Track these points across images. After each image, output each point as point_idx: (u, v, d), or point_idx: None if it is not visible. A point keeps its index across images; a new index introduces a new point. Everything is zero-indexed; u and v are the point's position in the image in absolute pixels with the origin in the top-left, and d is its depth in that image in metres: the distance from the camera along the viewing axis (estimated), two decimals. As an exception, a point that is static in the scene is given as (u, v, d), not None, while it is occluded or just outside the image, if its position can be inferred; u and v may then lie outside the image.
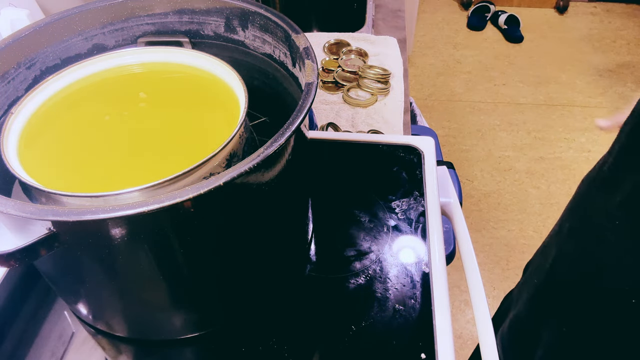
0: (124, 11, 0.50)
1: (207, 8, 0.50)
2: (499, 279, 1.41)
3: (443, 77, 2.10)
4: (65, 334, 0.47)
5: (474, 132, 1.84)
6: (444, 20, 2.45)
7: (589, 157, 1.74)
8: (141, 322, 0.45)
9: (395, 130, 0.77)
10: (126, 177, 0.38)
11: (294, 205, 0.47)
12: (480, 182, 1.67)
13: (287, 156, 0.39)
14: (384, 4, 1.10)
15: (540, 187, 1.64)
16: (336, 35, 0.96)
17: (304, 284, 0.50)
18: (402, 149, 0.63)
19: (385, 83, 0.84)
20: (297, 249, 0.52)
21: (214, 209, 0.36)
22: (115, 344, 0.46)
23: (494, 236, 1.51)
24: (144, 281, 0.39)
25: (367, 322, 0.46)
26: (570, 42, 2.27)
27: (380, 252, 0.52)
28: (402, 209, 0.56)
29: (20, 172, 0.36)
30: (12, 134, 0.40)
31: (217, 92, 0.44)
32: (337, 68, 0.88)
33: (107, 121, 0.42)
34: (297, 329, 0.46)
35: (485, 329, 0.47)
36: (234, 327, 0.46)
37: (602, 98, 1.97)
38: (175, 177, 0.33)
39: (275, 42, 0.48)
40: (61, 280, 0.43)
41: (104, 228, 0.32)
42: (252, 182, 0.36)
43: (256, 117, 0.51)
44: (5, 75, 0.43)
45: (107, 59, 0.47)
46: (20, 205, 0.30)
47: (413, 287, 0.48)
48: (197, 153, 0.37)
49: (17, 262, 0.31)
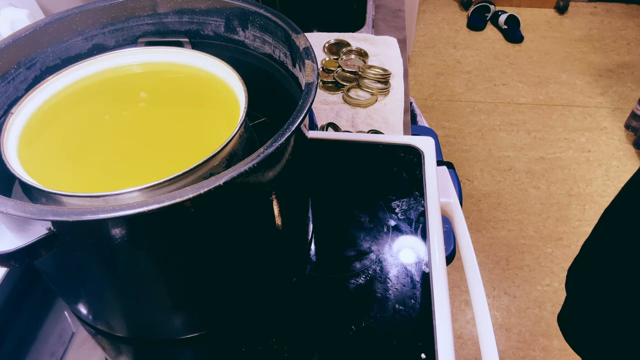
0: (124, 11, 0.50)
1: (207, 8, 0.50)
2: (499, 279, 1.41)
3: (443, 77, 2.10)
4: (65, 334, 0.47)
5: (474, 132, 1.84)
6: (444, 20, 2.45)
7: (589, 157, 1.74)
8: (141, 322, 0.45)
9: (395, 130, 0.77)
10: (126, 177, 0.38)
11: (294, 205, 0.47)
12: (480, 182, 1.67)
13: (287, 156, 0.39)
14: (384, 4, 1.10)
15: (540, 187, 1.64)
16: (336, 35, 0.96)
17: (304, 284, 0.50)
18: (402, 149, 0.63)
19: (385, 83, 0.84)
20: (297, 249, 0.51)
21: (214, 209, 0.36)
22: (115, 344, 0.46)
23: (494, 236, 1.51)
24: (144, 281, 0.39)
25: (367, 322, 0.46)
26: (570, 42, 2.27)
27: (380, 252, 0.52)
28: (402, 209, 0.56)
29: (20, 172, 0.36)
30: (12, 134, 0.40)
31: (217, 92, 0.44)
32: (337, 68, 0.88)
33: (107, 121, 0.42)
34: (297, 329, 0.46)
35: (485, 329, 0.47)
36: (234, 327, 0.46)
37: (602, 98, 1.97)
38: (175, 177, 0.33)
39: (275, 42, 0.48)
40: (61, 280, 0.43)
41: (104, 228, 0.32)
42: (252, 182, 0.36)
43: (256, 117, 0.51)
44: (5, 75, 0.43)
45: (107, 59, 0.47)
46: (20, 205, 0.30)
47: (413, 287, 0.48)
48: (197, 153, 0.37)
49: (17, 262, 0.31)
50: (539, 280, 1.39)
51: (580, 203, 1.59)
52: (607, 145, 1.78)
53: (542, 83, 2.05)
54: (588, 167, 1.70)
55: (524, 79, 2.08)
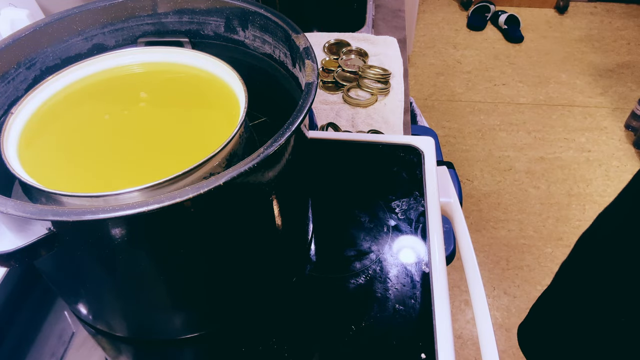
0: (124, 11, 0.50)
1: (207, 8, 0.50)
2: (499, 279, 1.41)
3: (443, 77, 2.10)
4: (65, 334, 0.47)
5: (474, 132, 1.84)
6: (444, 20, 2.45)
7: (589, 157, 1.74)
8: (141, 322, 0.45)
9: (395, 130, 0.77)
10: (126, 177, 0.38)
11: (294, 205, 0.47)
12: (480, 182, 1.67)
13: (287, 156, 0.39)
14: (384, 4, 1.10)
15: (540, 187, 1.64)
16: (336, 35, 0.96)
17: (304, 284, 0.50)
18: (402, 149, 0.63)
19: (385, 83, 0.84)
20: (297, 249, 0.51)
21: (214, 209, 0.36)
22: (115, 344, 0.46)
23: (494, 236, 1.51)
24: (144, 281, 0.39)
25: (367, 322, 0.46)
26: (570, 42, 2.27)
27: (380, 252, 0.52)
28: (402, 209, 0.56)
29: (20, 172, 0.36)
30: (12, 134, 0.40)
31: (217, 92, 0.44)
32: (337, 68, 0.88)
33: (107, 121, 0.42)
34: (297, 329, 0.46)
35: (485, 329, 0.47)
36: (234, 327, 0.46)
37: (602, 98, 1.97)
38: (175, 177, 0.33)
39: (275, 42, 0.48)
40: (61, 280, 0.43)
41: (104, 228, 0.32)
42: (252, 182, 0.36)
43: (256, 117, 0.51)
44: (5, 75, 0.43)
45: (107, 59, 0.47)
46: (20, 205, 0.30)
47: (413, 287, 0.48)
48: (197, 153, 0.37)
49: (17, 262, 0.31)
50: (539, 280, 1.39)
51: (580, 203, 1.59)
52: (607, 145, 1.78)
53: (542, 83, 2.05)
54: (588, 167, 1.70)
55: (524, 78, 2.08)
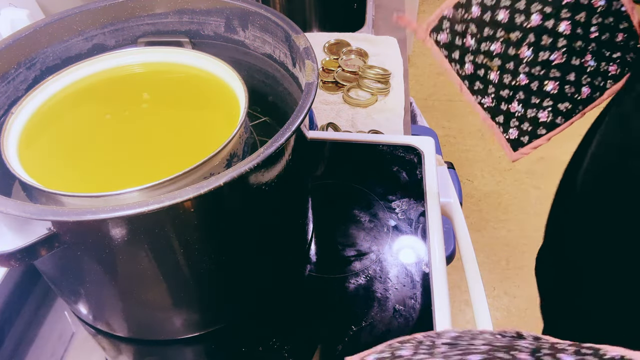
0: (124, 11, 0.50)
1: (207, 8, 0.50)
2: (499, 279, 1.41)
3: (443, 77, 2.10)
4: (65, 334, 0.47)
5: (474, 132, 1.84)
6: (444, 20, 2.45)
7: (589, 157, 1.73)
8: (141, 322, 0.45)
9: (395, 130, 0.77)
10: (126, 177, 0.38)
11: (294, 205, 0.47)
12: (480, 182, 1.67)
13: (287, 156, 0.39)
14: (384, 4, 1.10)
15: (540, 187, 1.64)
16: (336, 35, 0.96)
17: (304, 284, 0.50)
18: (402, 149, 0.63)
19: (385, 83, 0.84)
20: (297, 249, 0.52)
21: (214, 209, 0.36)
22: (115, 344, 0.46)
23: (494, 236, 1.51)
24: (144, 281, 0.39)
25: (367, 322, 0.46)
26: (570, 42, 2.27)
27: (380, 252, 0.52)
28: (402, 209, 0.56)
29: (20, 172, 0.36)
30: (12, 134, 0.40)
31: (217, 92, 0.44)
32: (337, 68, 0.88)
33: (107, 121, 0.42)
34: (298, 329, 0.46)
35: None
36: (234, 327, 0.46)
37: (602, 98, 1.97)
38: (175, 177, 0.33)
39: (276, 42, 0.48)
40: (61, 280, 0.43)
41: (104, 228, 0.32)
42: (252, 182, 0.36)
43: (256, 117, 0.51)
44: (5, 75, 0.43)
45: (107, 59, 0.47)
46: (20, 205, 0.30)
47: (413, 287, 0.48)
48: (197, 153, 0.37)
49: (17, 262, 0.31)
50: (539, 280, 1.39)
51: (580, 203, 1.59)
52: (607, 145, 1.78)
53: (542, 83, 2.05)
54: (588, 167, 1.70)
55: (524, 79, 2.08)
